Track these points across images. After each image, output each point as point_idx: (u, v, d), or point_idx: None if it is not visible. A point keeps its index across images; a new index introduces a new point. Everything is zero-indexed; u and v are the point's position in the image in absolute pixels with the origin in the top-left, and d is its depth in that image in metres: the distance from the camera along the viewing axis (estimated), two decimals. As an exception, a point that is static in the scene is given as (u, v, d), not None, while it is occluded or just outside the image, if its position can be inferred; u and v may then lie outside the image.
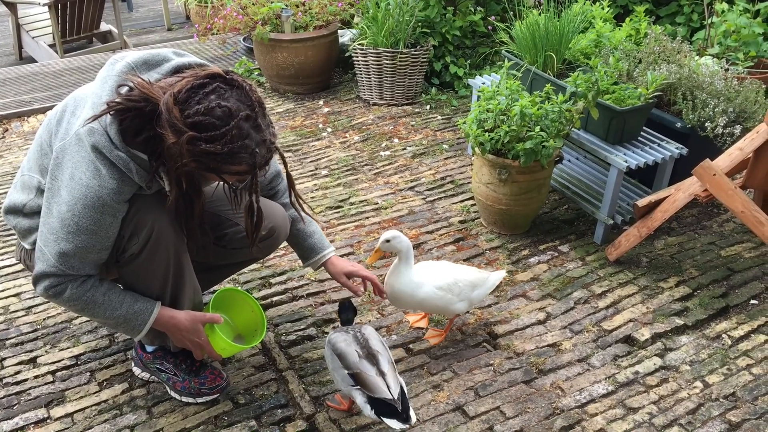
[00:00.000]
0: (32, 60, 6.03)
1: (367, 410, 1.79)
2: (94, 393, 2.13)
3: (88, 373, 2.20)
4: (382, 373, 1.81)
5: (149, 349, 2.11)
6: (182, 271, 1.89)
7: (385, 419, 1.76)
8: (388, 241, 2.13)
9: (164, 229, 1.78)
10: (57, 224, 1.67)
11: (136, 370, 2.17)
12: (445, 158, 3.61)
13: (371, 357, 1.84)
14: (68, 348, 2.30)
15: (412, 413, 1.77)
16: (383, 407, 1.77)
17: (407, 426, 1.76)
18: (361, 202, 3.20)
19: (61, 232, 1.67)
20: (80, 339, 2.34)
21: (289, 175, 1.89)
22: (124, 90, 1.61)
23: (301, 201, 1.96)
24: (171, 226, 1.81)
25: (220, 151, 1.54)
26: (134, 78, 1.60)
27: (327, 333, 2.38)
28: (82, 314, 1.86)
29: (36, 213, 1.81)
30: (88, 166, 1.62)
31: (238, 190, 1.77)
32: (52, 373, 2.20)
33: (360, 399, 1.81)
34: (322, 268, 2.21)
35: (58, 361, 2.25)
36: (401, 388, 1.80)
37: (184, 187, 1.69)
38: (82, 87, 1.75)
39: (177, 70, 1.68)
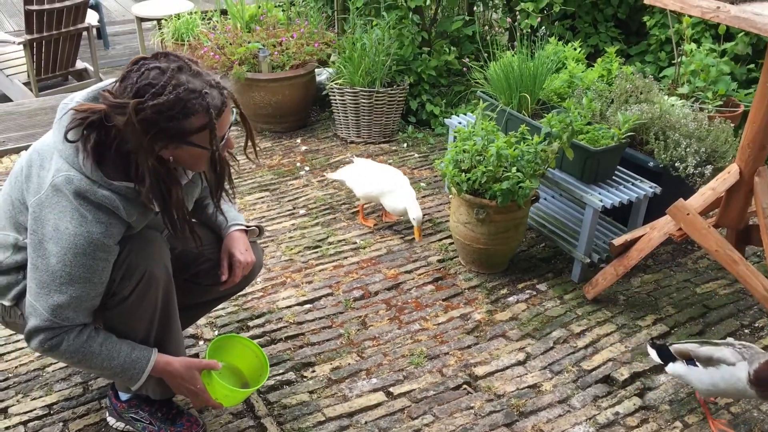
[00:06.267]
0: (6, 99, 5.98)
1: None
2: (67, 444, 2.08)
3: (61, 423, 2.15)
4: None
5: (124, 397, 2.07)
6: (169, 314, 1.87)
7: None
8: None
9: (156, 271, 1.77)
10: (47, 278, 1.64)
11: (111, 420, 2.12)
12: (423, 196, 3.62)
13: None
14: (41, 397, 2.25)
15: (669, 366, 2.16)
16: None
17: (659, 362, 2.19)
18: (340, 241, 3.19)
19: (53, 284, 1.64)
20: (53, 387, 2.29)
21: (248, 129, 1.81)
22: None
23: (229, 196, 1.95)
24: (164, 269, 1.80)
25: (168, 101, 1.53)
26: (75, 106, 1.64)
27: (306, 377, 2.35)
28: (79, 366, 1.82)
29: (13, 269, 1.78)
30: (72, 214, 1.60)
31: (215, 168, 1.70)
32: (24, 423, 2.14)
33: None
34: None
35: (30, 411, 2.19)
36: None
37: (160, 176, 1.63)
38: (40, 139, 1.74)
39: None
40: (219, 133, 1.64)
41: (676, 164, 2.83)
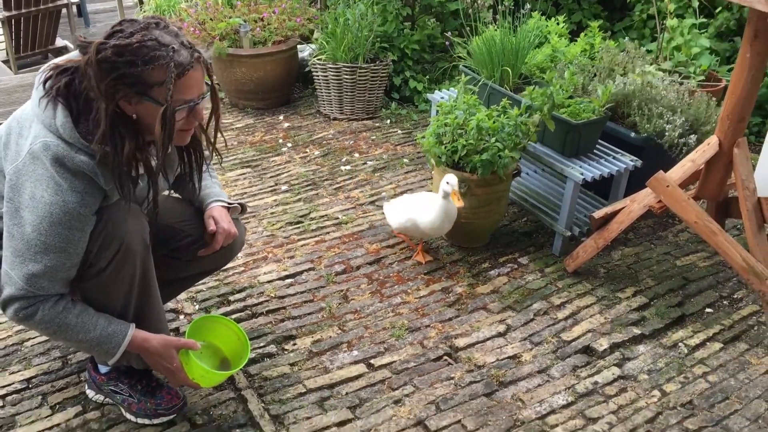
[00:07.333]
0: (-16, 76, 5.89)
1: None
2: (46, 417, 2.06)
3: (40, 397, 2.13)
4: None
5: (103, 370, 2.06)
6: (148, 288, 1.86)
7: None
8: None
9: (133, 243, 1.75)
10: (22, 246, 1.62)
11: (90, 393, 2.11)
12: (406, 172, 3.61)
13: None
14: (19, 371, 2.23)
15: None
16: None
17: None
18: (322, 217, 3.18)
19: (28, 253, 1.62)
20: (32, 361, 2.27)
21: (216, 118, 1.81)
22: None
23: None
24: (141, 241, 1.77)
25: (131, 44, 1.51)
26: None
27: (287, 350, 2.35)
28: (54, 337, 1.80)
29: None
30: (48, 183, 1.58)
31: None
32: (2, 397, 2.13)
33: None
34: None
35: (9, 385, 2.18)
36: None
37: (116, 125, 1.59)
38: (20, 108, 1.72)
39: None
40: (182, 95, 1.60)
41: (662, 134, 2.83)
